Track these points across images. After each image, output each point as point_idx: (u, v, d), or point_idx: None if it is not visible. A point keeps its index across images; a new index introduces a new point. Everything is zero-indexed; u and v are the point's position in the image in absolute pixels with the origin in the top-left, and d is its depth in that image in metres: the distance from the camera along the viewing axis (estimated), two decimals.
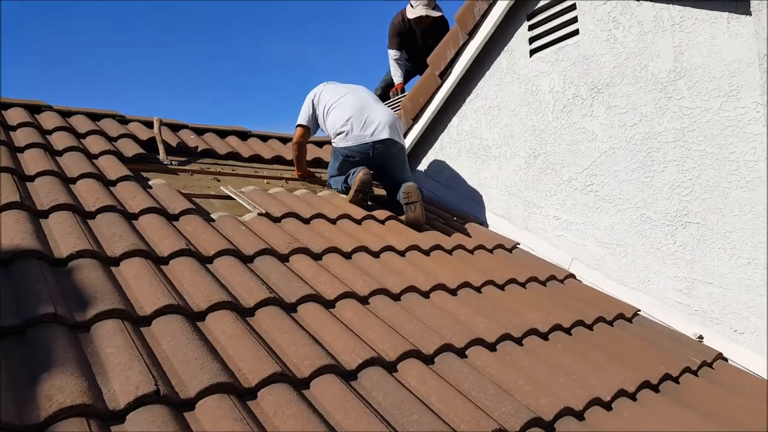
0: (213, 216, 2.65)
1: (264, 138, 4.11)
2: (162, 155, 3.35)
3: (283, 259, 2.41)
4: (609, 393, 1.91)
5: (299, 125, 3.53)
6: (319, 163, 4.03)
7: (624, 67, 2.81)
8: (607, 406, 1.88)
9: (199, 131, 3.89)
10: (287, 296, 2.09)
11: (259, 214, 2.77)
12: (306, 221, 2.86)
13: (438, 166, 4.02)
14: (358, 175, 3.15)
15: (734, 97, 2.41)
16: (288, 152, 3.95)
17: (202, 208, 2.73)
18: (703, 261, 2.56)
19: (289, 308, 2.05)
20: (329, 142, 3.92)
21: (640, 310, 2.73)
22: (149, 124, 3.60)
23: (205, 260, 2.20)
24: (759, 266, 2.38)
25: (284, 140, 4.16)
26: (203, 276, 2.04)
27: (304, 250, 2.49)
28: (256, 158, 3.82)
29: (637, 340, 2.40)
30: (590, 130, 3.00)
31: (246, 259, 2.30)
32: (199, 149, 3.62)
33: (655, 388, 2.05)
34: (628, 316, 2.65)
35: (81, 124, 3.33)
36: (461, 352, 2.04)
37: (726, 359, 2.44)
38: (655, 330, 2.58)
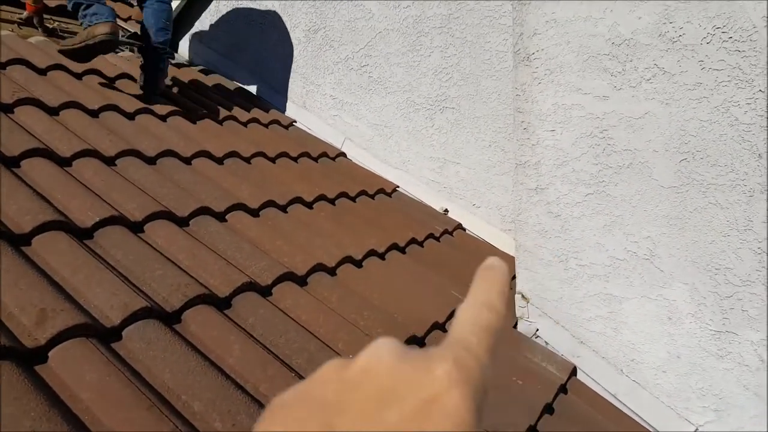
0: None
1: None
2: None
3: (6, 110, 1.98)
4: (361, 253, 2.06)
5: None
6: (63, 10, 3.32)
7: None
8: (358, 263, 2.04)
9: None
10: (7, 150, 1.74)
11: None
12: (41, 72, 2.37)
13: (214, 32, 3.66)
14: (100, 27, 2.33)
15: None
16: None
17: None
18: (454, 143, 2.84)
19: (9, 162, 1.71)
20: None
21: (399, 187, 2.97)
22: None
23: None
24: (498, 149, 2.72)
25: None
26: None
27: (36, 102, 2.08)
28: None
29: (393, 212, 2.62)
30: (368, 8, 2.98)
31: None
32: None
33: (402, 250, 2.28)
34: (388, 191, 2.85)
35: None
36: (221, 216, 1.97)
37: (464, 228, 2.82)
38: (410, 204, 2.84)
